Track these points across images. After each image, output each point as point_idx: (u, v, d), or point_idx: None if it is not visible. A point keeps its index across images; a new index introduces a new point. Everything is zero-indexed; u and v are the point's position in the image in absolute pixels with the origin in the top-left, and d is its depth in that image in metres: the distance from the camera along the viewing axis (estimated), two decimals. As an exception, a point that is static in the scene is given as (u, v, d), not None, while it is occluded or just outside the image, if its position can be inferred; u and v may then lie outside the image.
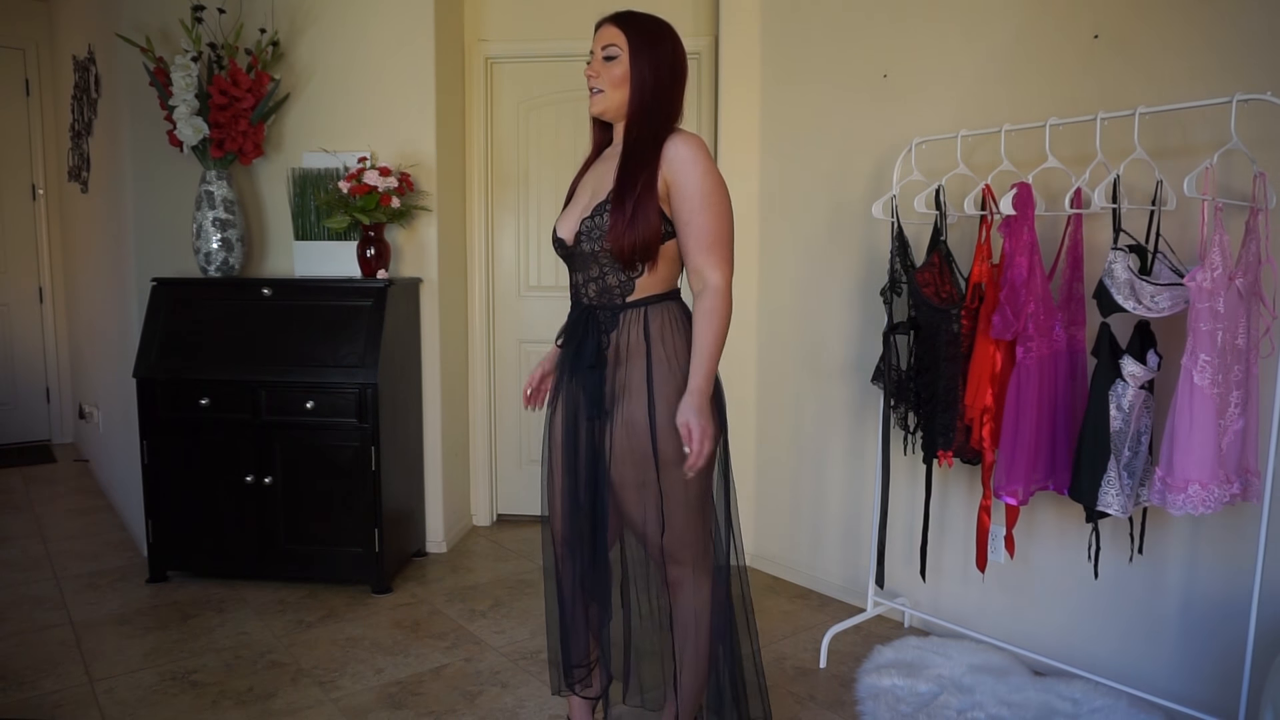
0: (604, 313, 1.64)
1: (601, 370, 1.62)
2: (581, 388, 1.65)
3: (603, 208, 1.59)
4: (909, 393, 2.36)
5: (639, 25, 1.61)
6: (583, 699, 1.84)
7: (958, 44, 2.50)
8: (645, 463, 1.58)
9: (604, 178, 1.64)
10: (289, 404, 2.84)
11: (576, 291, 1.70)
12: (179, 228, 3.17)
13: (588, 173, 1.74)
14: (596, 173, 1.69)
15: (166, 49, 3.04)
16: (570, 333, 1.69)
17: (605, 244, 1.58)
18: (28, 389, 5.17)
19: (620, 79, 1.60)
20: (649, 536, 1.63)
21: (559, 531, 1.75)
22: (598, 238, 1.59)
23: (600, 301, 1.64)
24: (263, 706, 2.15)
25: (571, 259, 1.69)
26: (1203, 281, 1.72)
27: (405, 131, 3.18)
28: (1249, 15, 1.94)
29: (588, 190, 1.68)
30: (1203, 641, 2.06)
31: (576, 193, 1.72)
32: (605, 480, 1.62)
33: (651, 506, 1.60)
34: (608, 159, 1.69)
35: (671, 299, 1.67)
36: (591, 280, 1.64)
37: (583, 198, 1.68)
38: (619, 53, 1.60)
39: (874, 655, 2.40)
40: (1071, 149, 2.20)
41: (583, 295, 1.67)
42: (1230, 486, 1.80)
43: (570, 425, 1.68)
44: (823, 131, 2.90)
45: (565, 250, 1.69)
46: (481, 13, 3.51)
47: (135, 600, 2.83)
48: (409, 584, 3.02)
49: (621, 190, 1.56)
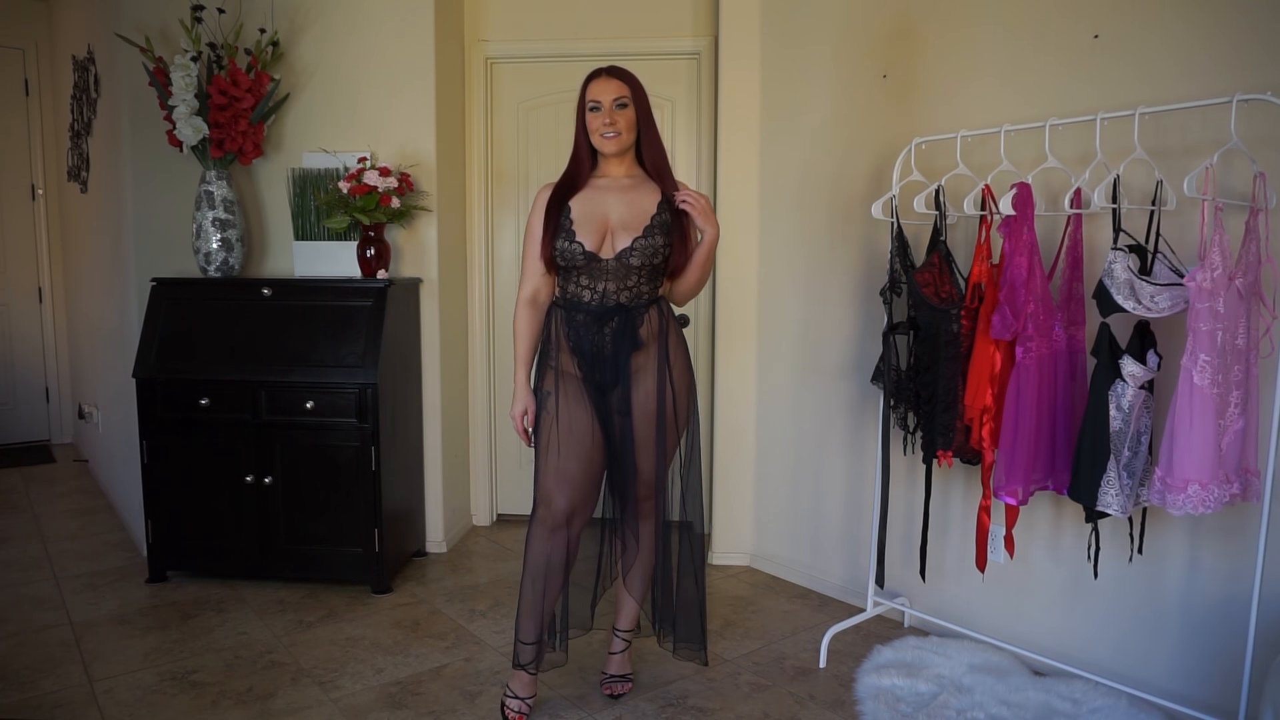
0: (636, 311, 2.02)
1: (637, 348, 2.02)
2: (605, 370, 2.02)
3: (655, 230, 2.00)
4: (909, 393, 2.36)
5: (633, 79, 2.02)
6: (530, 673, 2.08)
7: (958, 44, 2.50)
8: (658, 419, 2.04)
9: (636, 203, 2.02)
10: (289, 404, 2.84)
11: (589, 295, 2.02)
12: (179, 228, 3.17)
13: (607, 195, 2.03)
14: (623, 199, 2.03)
15: (166, 49, 3.04)
16: (589, 327, 2.02)
17: (654, 260, 2.00)
18: (27, 389, 5.17)
19: (632, 123, 2.00)
20: (642, 474, 2.06)
21: (562, 506, 1.99)
22: (651, 254, 2.00)
23: (631, 302, 2.02)
24: (263, 706, 2.15)
25: (595, 269, 2.00)
26: (1202, 281, 1.72)
27: (405, 131, 3.18)
28: (1249, 16, 1.94)
29: (613, 211, 2.01)
30: (1203, 641, 2.06)
31: (588, 212, 2.01)
32: (631, 437, 2.03)
33: (656, 453, 2.05)
34: (626, 188, 2.04)
35: (664, 299, 2.12)
36: (625, 288, 2.01)
37: (608, 218, 2.01)
38: (629, 101, 1.99)
39: (874, 655, 2.40)
40: (1071, 149, 2.20)
41: (606, 298, 2.01)
42: (1230, 486, 1.80)
43: (594, 405, 2.03)
44: (823, 132, 2.90)
45: (590, 261, 1.99)
46: (481, 13, 3.51)
47: (135, 600, 2.83)
48: (409, 584, 3.02)
49: (677, 218, 2.03)
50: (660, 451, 2.05)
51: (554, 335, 2.06)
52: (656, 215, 2.01)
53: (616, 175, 2.06)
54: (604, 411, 2.04)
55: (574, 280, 2.03)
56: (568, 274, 2.03)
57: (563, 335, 2.04)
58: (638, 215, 2.01)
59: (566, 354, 2.05)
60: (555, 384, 2.03)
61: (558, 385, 2.03)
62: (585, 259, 1.99)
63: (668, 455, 2.08)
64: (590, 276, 2.00)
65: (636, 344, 2.01)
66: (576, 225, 1.99)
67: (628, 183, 2.05)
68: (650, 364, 2.04)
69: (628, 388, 2.03)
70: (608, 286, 2.00)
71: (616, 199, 2.02)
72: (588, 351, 2.03)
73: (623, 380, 2.02)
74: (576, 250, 1.98)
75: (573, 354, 2.04)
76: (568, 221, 2.00)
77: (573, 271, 2.02)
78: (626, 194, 2.03)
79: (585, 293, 2.02)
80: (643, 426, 2.04)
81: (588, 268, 2.00)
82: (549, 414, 2.02)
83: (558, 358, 2.05)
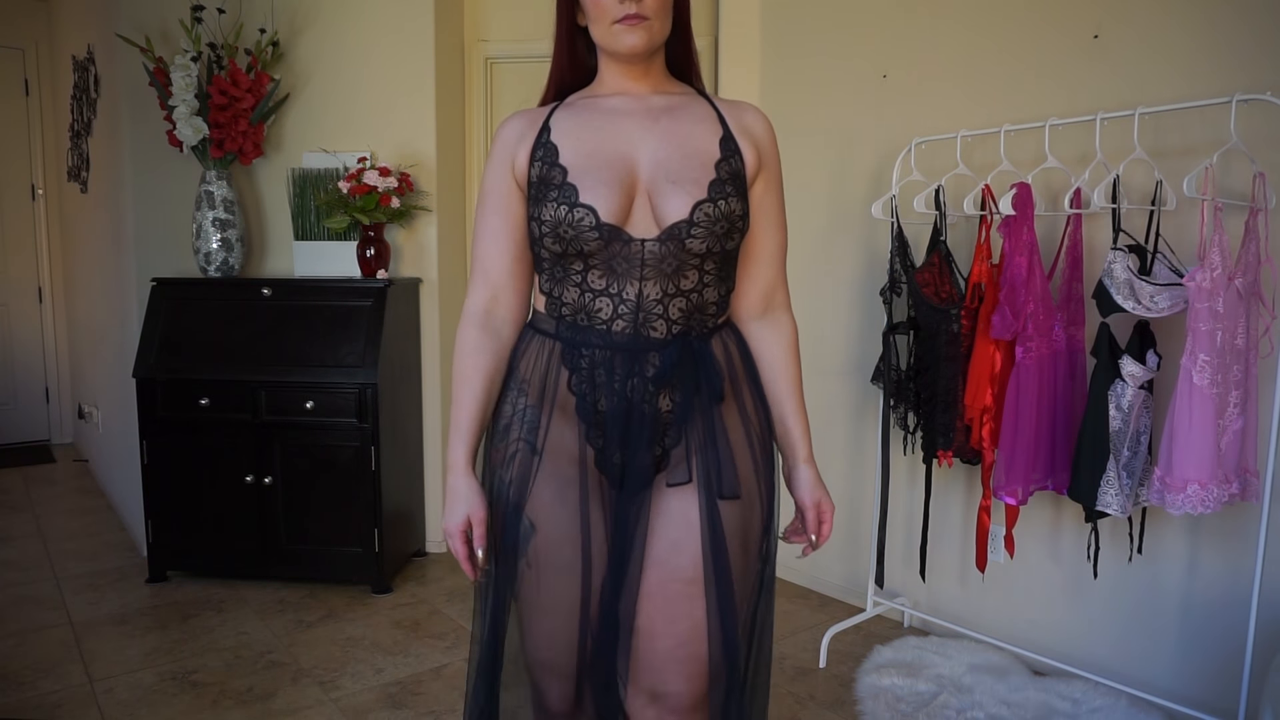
0: (698, 342, 1.13)
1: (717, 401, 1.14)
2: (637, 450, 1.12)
3: (727, 186, 1.11)
4: (909, 393, 2.36)
5: None
6: None
7: (957, 44, 2.50)
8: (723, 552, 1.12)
9: (685, 136, 1.13)
10: (289, 404, 2.84)
11: (609, 308, 1.11)
12: (179, 228, 3.17)
13: (626, 124, 1.14)
14: (658, 129, 1.13)
15: (166, 49, 3.04)
16: (611, 371, 1.12)
17: (728, 243, 1.12)
18: (27, 389, 5.17)
19: (666, 4, 1.12)
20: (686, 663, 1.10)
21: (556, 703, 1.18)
22: (725, 230, 1.10)
23: (688, 326, 1.13)
24: (263, 706, 2.15)
25: (620, 257, 1.10)
26: (1202, 281, 1.72)
27: (405, 131, 3.18)
28: (1249, 15, 1.94)
29: (641, 150, 1.12)
30: (1202, 641, 2.06)
31: (592, 150, 1.12)
32: (638, 581, 1.12)
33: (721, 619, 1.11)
34: (659, 111, 1.15)
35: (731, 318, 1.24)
36: (680, 294, 1.11)
37: (634, 162, 1.11)
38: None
39: (873, 655, 2.40)
40: (1071, 149, 2.20)
41: (644, 314, 1.11)
42: (1229, 486, 1.80)
43: (611, 521, 1.14)
44: (822, 131, 2.90)
45: (610, 241, 1.09)
46: (481, 13, 3.51)
47: (135, 600, 2.83)
48: (409, 584, 3.02)
49: (746, 167, 1.15)
50: (727, 615, 1.12)
51: (537, 383, 1.15)
52: (723, 160, 1.12)
53: (639, 93, 1.17)
54: (624, 529, 1.13)
55: (576, 280, 1.12)
56: (564, 269, 1.12)
57: (555, 385, 1.14)
58: (690, 157, 1.12)
59: (563, 418, 1.14)
60: (530, 480, 1.13)
61: (537, 485, 1.13)
62: (602, 237, 1.09)
63: (739, 621, 1.14)
64: (611, 273, 1.11)
65: (716, 396, 1.13)
66: (574, 175, 1.10)
67: (661, 103, 1.16)
68: (709, 441, 1.13)
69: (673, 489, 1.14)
70: (645, 291, 1.10)
71: (646, 130, 1.13)
72: (615, 416, 1.12)
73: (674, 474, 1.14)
74: (583, 220, 1.08)
75: (577, 419, 1.14)
76: (556, 170, 1.11)
77: (574, 263, 1.11)
78: (662, 121, 1.14)
79: (601, 303, 1.11)
80: (681, 557, 1.11)
81: (605, 255, 1.10)
82: (529, 554, 1.13)
83: (538, 423, 1.15)
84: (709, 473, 1.12)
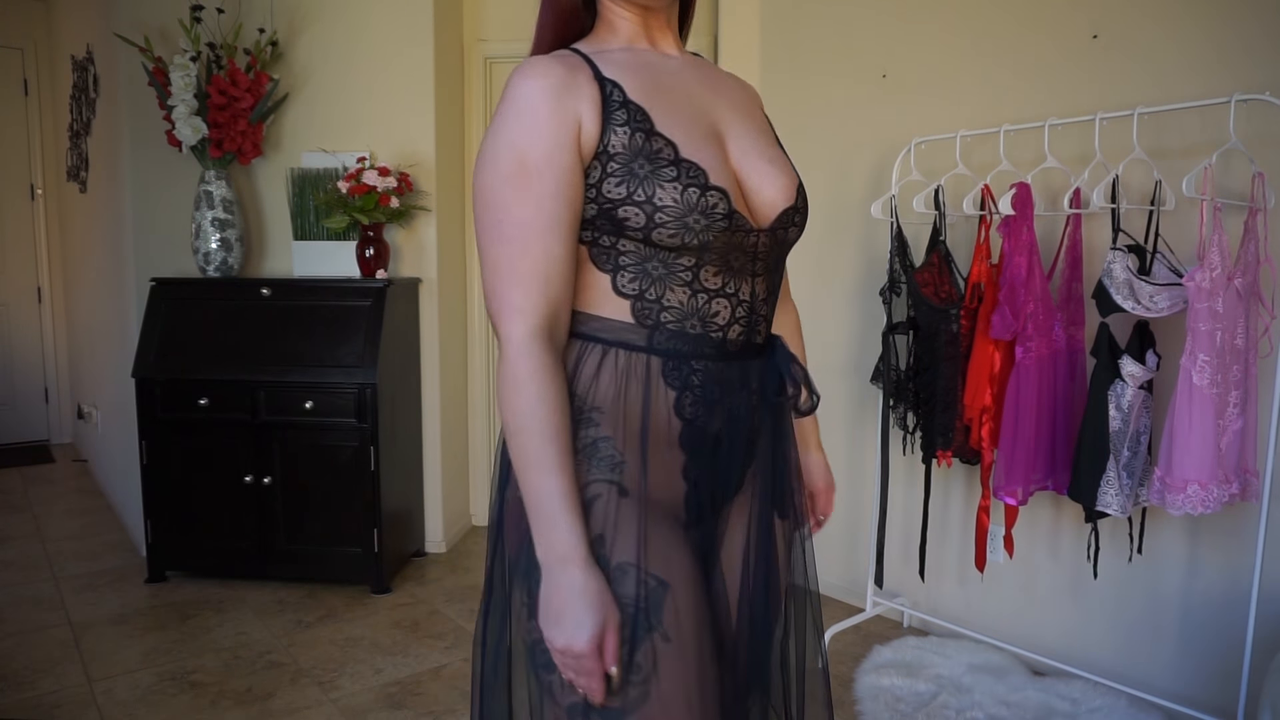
0: (781, 345, 1.00)
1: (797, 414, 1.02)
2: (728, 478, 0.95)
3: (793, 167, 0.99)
4: (908, 393, 2.36)
5: None
6: None
7: (957, 44, 2.50)
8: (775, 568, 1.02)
9: (747, 109, 1.00)
10: (288, 404, 2.84)
11: (727, 312, 0.92)
12: (178, 228, 3.17)
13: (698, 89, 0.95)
14: (722, 100, 0.97)
15: (165, 49, 3.04)
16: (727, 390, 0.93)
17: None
18: (26, 389, 5.17)
19: None
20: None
21: None
22: (802, 221, 0.98)
23: (770, 324, 1.00)
24: (262, 706, 2.15)
25: (739, 250, 0.91)
26: (1201, 282, 1.72)
27: (405, 131, 3.18)
28: (1248, 15, 1.94)
29: (728, 122, 0.95)
30: (1202, 641, 2.06)
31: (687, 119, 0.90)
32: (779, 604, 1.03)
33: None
34: (706, 78, 0.98)
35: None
36: (774, 291, 0.98)
37: (722, 136, 0.93)
38: None
39: (873, 655, 2.40)
40: (1071, 149, 2.20)
41: (755, 320, 0.95)
42: (1229, 486, 1.80)
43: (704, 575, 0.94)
44: (822, 131, 2.90)
45: (734, 232, 0.89)
46: (481, 13, 3.51)
47: (134, 600, 2.82)
48: (408, 584, 3.02)
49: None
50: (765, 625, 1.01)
51: (613, 408, 0.89)
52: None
53: (667, 49, 0.98)
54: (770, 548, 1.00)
55: (684, 279, 0.90)
56: (665, 264, 0.89)
57: (647, 409, 0.90)
58: (763, 132, 1.00)
59: (663, 456, 0.91)
60: (640, 539, 0.87)
61: (648, 544, 0.87)
62: (730, 227, 0.88)
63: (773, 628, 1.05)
64: (727, 269, 0.91)
65: (798, 412, 1.01)
66: (687, 150, 0.88)
67: (696, 64, 1.00)
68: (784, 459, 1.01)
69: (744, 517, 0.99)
70: (756, 290, 0.94)
71: (714, 95, 0.97)
72: (734, 440, 0.94)
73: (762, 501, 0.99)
74: (717, 207, 0.87)
75: (679, 450, 0.91)
76: (658, 140, 0.87)
77: (682, 257, 0.88)
78: (716, 85, 0.99)
79: (718, 305, 0.91)
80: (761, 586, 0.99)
81: (723, 248, 0.89)
82: (662, 633, 0.85)
83: (620, 457, 0.89)
84: (772, 489, 0.99)
